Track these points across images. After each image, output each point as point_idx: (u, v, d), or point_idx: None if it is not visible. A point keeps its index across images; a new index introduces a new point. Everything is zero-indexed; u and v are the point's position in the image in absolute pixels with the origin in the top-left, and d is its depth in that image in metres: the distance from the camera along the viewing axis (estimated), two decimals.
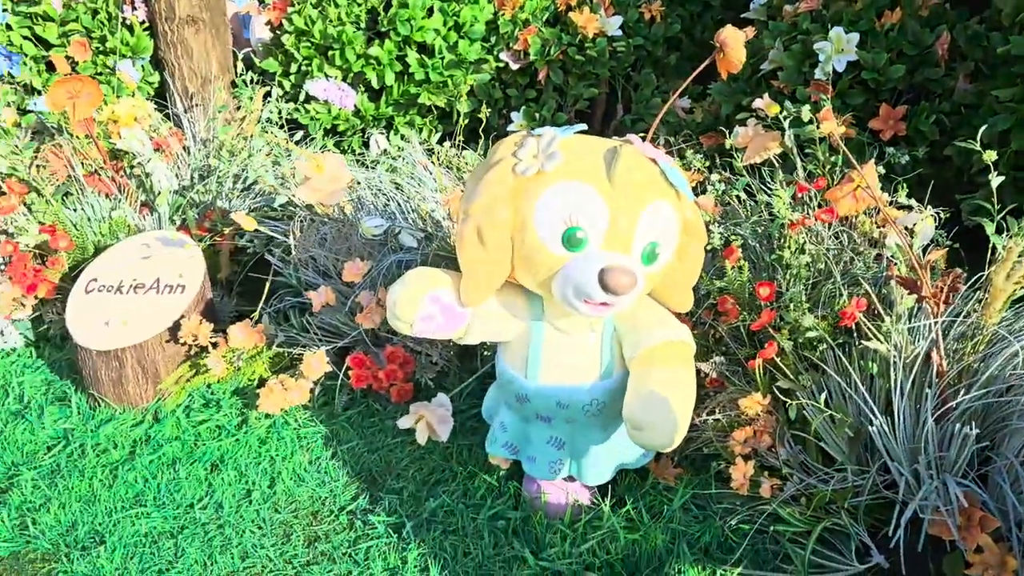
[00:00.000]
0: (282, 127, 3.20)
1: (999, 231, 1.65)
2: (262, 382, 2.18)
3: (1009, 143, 2.24)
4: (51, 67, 3.25)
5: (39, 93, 3.23)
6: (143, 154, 2.69)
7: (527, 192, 1.44)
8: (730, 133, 2.18)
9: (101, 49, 3.27)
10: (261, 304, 2.29)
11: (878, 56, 2.45)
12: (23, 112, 3.17)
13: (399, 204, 2.53)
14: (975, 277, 1.78)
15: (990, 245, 1.68)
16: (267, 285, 2.32)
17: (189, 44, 3.28)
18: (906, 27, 2.50)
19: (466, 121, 3.16)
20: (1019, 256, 1.53)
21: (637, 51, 3.32)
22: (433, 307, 1.53)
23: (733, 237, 1.98)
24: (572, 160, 1.44)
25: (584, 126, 1.55)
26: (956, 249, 1.98)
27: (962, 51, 2.48)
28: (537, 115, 3.27)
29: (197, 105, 3.33)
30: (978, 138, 1.67)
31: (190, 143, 3.00)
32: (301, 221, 2.37)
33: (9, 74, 3.20)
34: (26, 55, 3.22)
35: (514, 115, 3.29)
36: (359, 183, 2.67)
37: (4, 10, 3.23)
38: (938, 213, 1.90)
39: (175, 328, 2.18)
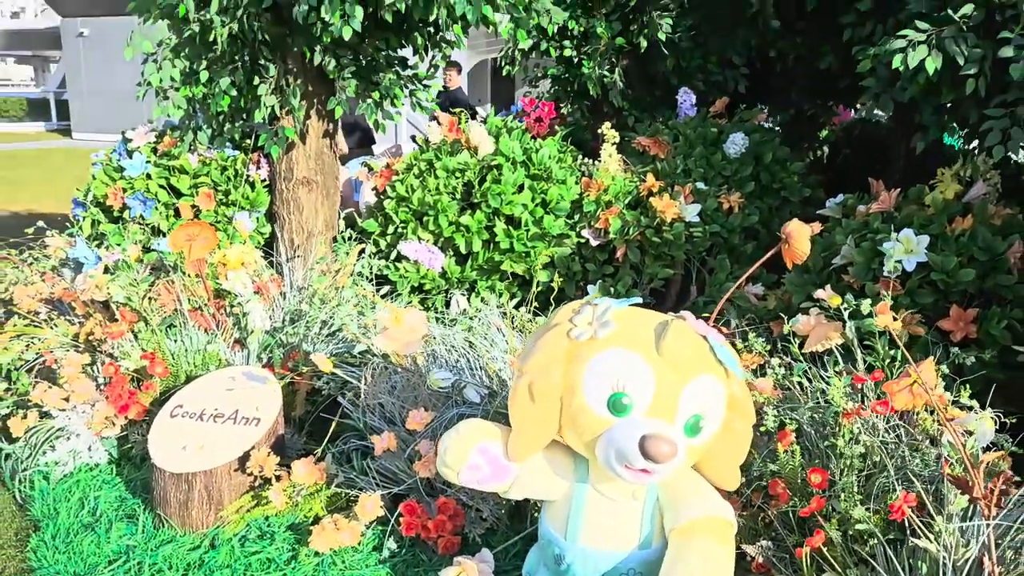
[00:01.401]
0: (371, 281, 3.43)
1: None
2: (317, 519, 2.25)
3: None
4: (178, 213, 3.62)
5: (163, 235, 3.59)
6: (244, 295, 2.93)
7: (579, 356, 1.53)
8: None
9: (224, 201, 3.64)
10: (325, 442, 2.39)
11: (947, 259, 2.49)
12: (147, 250, 3.52)
13: (469, 361, 2.65)
14: None
15: None
16: (332, 425, 2.43)
17: (301, 202, 3.61)
18: (977, 234, 2.55)
19: (542, 288, 3.32)
20: None
21: (713, 237, 3.46)
22: (480, 458, 1.60)
23: (788, 421, 1.99)
24: (624, 329, 1.53)
25: (639, 299, 1.65)
26: None
27: None
28: (612, 290, 3.41)
29: (299, 256, 3.62)
30: None
31: (287, 289, 3.25)
32: (374, 368, 2.50)
33: (141, 216, 3.59)
34: (159, 201, 3.61)
35: (590, 288, 3.43)
36: (435, 338, 2.81)
37: (147, 161, 3.67)
38: (998, 415, 1.88)
39: (244, 458, 2.30)
